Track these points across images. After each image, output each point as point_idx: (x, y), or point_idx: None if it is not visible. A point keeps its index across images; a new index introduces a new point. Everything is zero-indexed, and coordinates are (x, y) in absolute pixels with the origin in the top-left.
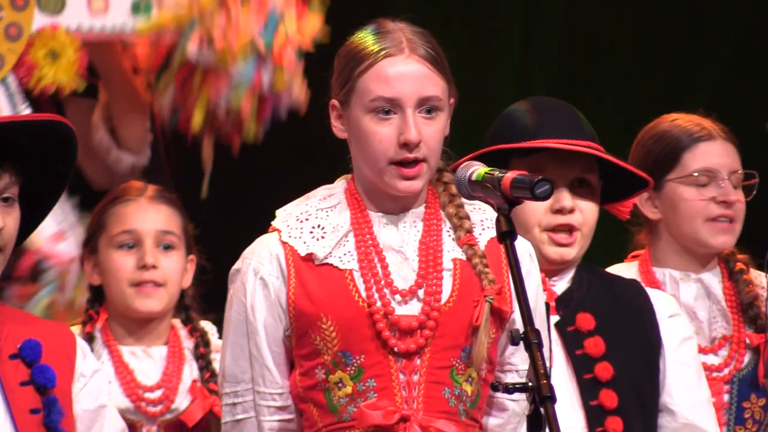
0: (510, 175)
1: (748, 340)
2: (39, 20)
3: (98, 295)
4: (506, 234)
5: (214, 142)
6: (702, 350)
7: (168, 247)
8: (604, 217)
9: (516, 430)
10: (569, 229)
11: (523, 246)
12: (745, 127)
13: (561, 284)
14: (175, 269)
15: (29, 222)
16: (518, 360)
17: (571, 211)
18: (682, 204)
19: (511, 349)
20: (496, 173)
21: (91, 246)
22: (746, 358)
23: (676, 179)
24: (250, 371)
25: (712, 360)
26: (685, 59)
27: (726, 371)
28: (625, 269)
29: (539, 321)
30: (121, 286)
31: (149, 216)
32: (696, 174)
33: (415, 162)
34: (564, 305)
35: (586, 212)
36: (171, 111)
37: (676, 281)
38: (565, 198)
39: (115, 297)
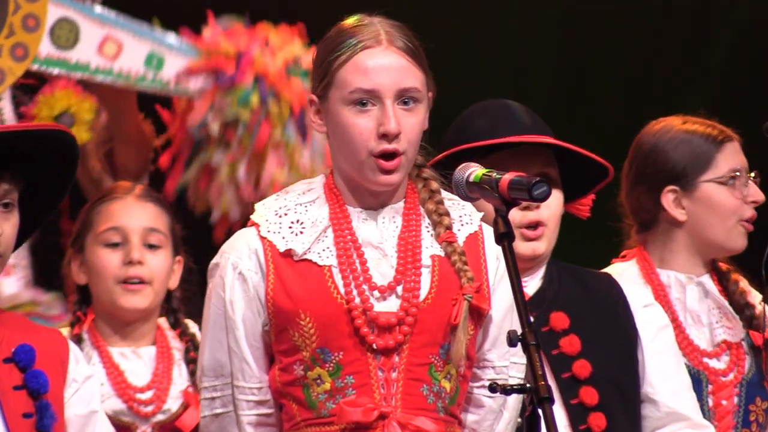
0: (508, 176)
1: (750, 340)
2: (47, 49)
3: (85, 296)
4: (504, 235)
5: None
6: (707, 354)
7: (154, 246)
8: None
9: (492, 425)
10: (536, 224)
11: (497, 246)
12: (742, 128)
13: (533, 283)
14: (162, 267)
15: (26, 228)
16: (495, 356)
17: (538, 206)
18: (718, 205)
19: (487, 345)
20: (494, 175)
21: (78, 245)
22: (747, 363)
23: (713, 180)
24: (229, 365)
25: (716, 364)
26: (682, 62)
27: (732, 376)
28: (624, 270)
29: (516, 319)
30: (108, 283)
31: (136, 213)
32: (733, 174)
33: (394, 155)
34: (537, 305)
35: (551, 206)
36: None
37: (682, 284)
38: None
39: (101, 295)
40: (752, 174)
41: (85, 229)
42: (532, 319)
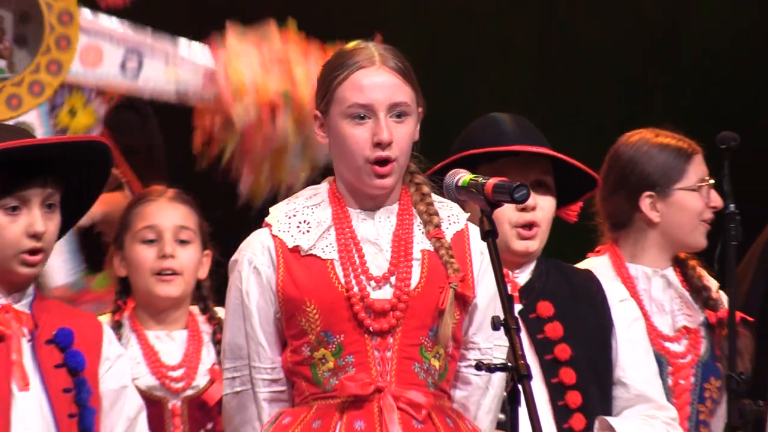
0: (492, 181)
1: (706, 319)
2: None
3: (125, 288)
4: (489, 233)
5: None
6: (669, 339)
7: (184, 242)
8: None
9: (479, 401)
10: (531, 224)
11: (481, 243)
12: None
13: (523, 276)
14: (191, 260)
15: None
16: (480, 339)
17: (534, 208)
18: (688, 209)
19: (473, 329)
20: (480, 179)
21: (118, 243)
22: (703, 347)
23: (685, 188)
24: (246, 348)
25: (676, 348)
26: (648, 78)
27: (689, 358)
28: (597, 264)
29: (498, 306)
30: (145, 275)
31: (168, 213)
32: (701, 183)
33: (387, 161)
34: (526, 295)
35: (545, 209)
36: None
37: (648, 277)
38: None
39: (139, 285)
40: (712, 181)
41: (124, 228)
42: (521, 307)
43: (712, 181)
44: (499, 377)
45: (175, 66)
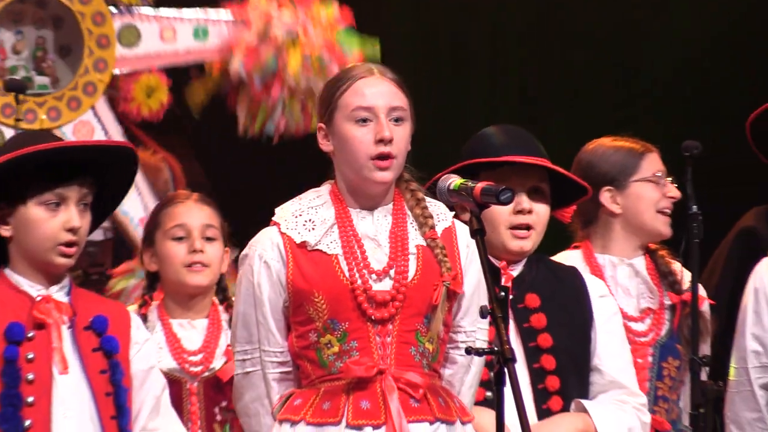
0: (480, 185)
1: (668, 301)
2: (119, 51)
3: (153, 283)
4: (477, 231)
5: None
6: (633, 319)
7: (210, 238)
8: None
9: (463, 378)
10: (527, 227)
11: (467, 237)
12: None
13: (516, 269)
14: (217, 254)
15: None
16: (466, 323)
17: (530, 212)
18: (645, 198)
19: (460, 315)
20: (469, 184)
21: (149, 240)
22: (664, 329)
23: (640, 179)
24: (257, 334)
25: (639, 327)
26: (619, 93)
27: (650, 337)
28: (570, 255)
29: (482, 293)
30: (176, 267)
31: (196, 214)
32: (655, 175)
33: (388, 156)
34: (516, 286)
35: (540, 214)
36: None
37: (614, 265)
38: (524, 201)
39: (171, 277)
40: (670, 178)
41: (154, 227)
42: (511, 296)
43: (669, 178)
44: (480, 358)
45: (203, 26)
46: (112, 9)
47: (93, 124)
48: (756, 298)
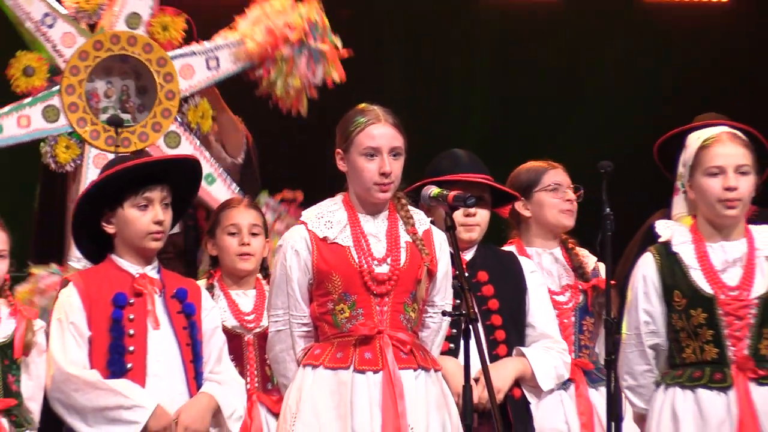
0: (452, 193)
1: (581, 287)
2: (181, 82)
3: (214, 263)
4: (450, 227)
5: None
6: (556, 293)
7: (255, 234)
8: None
9: (434, 339)
10: (473, 224)
11: (442, 235)
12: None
13: (469, 255)
14: (259, 246)
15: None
16: (438, 298)
17: (475, 215)
18: (546, 204)
19: (434, 291)
20: (444, 192)
21: (211, 233)
22: (581, 298)
23: (541, 190)
24: (287, 303)
25: (561, 298)
26: (554, 122)
27: (571, 304)
28: (509, 247)
29: (449, 277)
30: (231, 256)
31: (245, 215)
32: (554, 185)
33: (387, 184)
34: (471, 266)
35: (482, 215)
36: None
37: (539, 254)
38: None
39: (227, 263)
40: (574, 186)
41: (215, 224)
42: (467, 274)
43: (573, 186)
44: (446, 323)
45: (236, 47)
46: (170, 53)
47: (180, 134)
48: (645, 282)
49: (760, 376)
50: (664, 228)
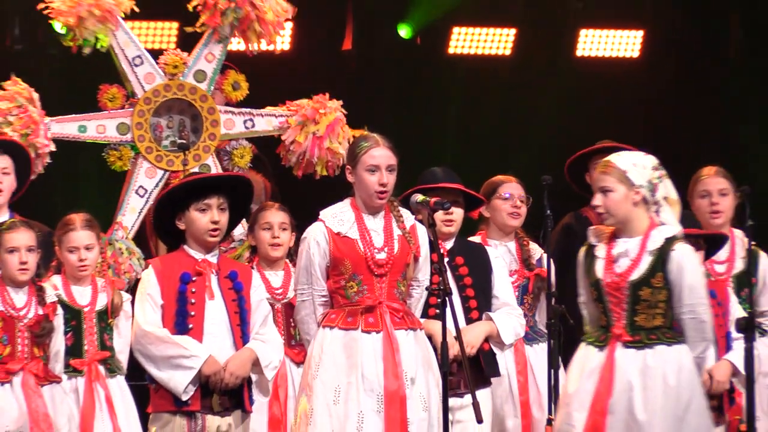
0: (433, 199)
1: (526, 274)
2: (222, 129)
3: (254, 251)
4: (432, 225)
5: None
6: (510, 274)
7: (284, 229)
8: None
9: (416, 306)
10: (450, 222)
11: (424, 229)
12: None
13: (449, 244)
14: (287, 239)
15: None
16: (420, 275)
17: (452, 213)
18: (497, 209)
19: (417, 270)
20: (427, 198)
21: (251, 229)
22: (524, 280)
23: (497, 198)
24: (310, 280)
25: (511, 279)
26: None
27: (517, 284)
28: (476, 239)
29: (428, 260)
30: (265, 246)
31: (276, 215)
32: (504, 195)
33: (384, 193)
34: (451, 253)
35: (458, 214)
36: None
37: (496, 246)
38: (449, 209)
39: (262, 251)
40: (526, 196)
41: (254, 222)
42: (448, 259)
43: (525, 196)
44: (425, 294)
45: (266, 118)
46: (221, 107)
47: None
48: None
49: (627, 341)
50: (591, 233)
